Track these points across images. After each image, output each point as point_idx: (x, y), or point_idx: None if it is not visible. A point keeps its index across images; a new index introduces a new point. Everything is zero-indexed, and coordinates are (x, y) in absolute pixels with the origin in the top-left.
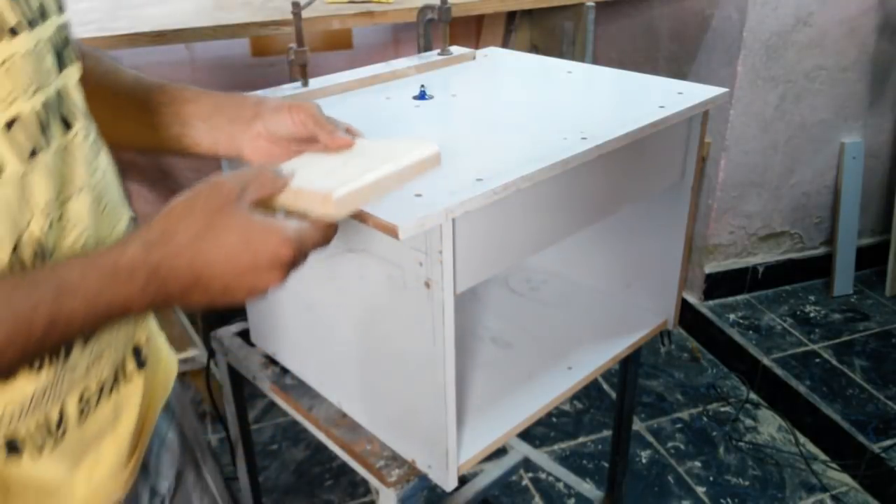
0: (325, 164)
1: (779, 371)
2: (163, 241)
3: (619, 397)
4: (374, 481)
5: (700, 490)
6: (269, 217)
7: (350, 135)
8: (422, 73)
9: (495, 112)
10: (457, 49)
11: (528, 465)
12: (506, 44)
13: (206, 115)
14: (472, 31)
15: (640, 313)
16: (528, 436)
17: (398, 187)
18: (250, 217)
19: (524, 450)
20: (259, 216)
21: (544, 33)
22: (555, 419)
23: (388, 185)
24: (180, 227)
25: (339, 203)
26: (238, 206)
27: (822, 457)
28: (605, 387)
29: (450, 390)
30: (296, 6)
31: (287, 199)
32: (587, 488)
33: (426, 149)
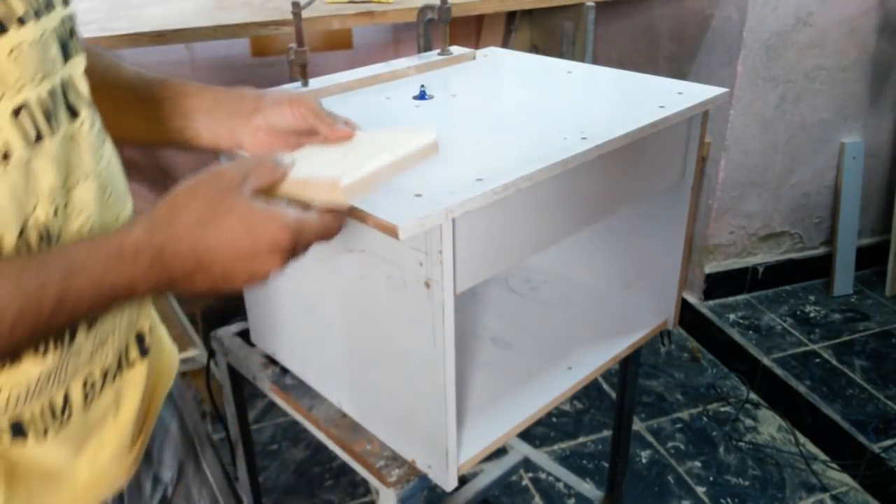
0: (325, 155)
1: (779, 371)
2: (166, 224)
3: (619, 397)
4: (374, 481)
5: (700, 490)
6: (270, 204)
7: (349, 127)
8: (422, 73)
9: (495, 112)
10: (457, 49)
11: (528, 465)
12: (506, 44)
13: (207, 109)
14: (472, 31)
15: (640, 313)
16: (528, 436)
17: (400, 174)
18: (251, 203)
19: (524, 450)
20: (260, 203)
21: (544, 33)
22: (555, 419)
23: (390, 173)
24: (183, 213)
25: (346, 190)
26: (240, 192)
27: (822, 457)
28: (605, 387)
29: (450, 390)
30: (296, 6)
31: (292, 189)
32: (587, 488)
33: (424, 137)
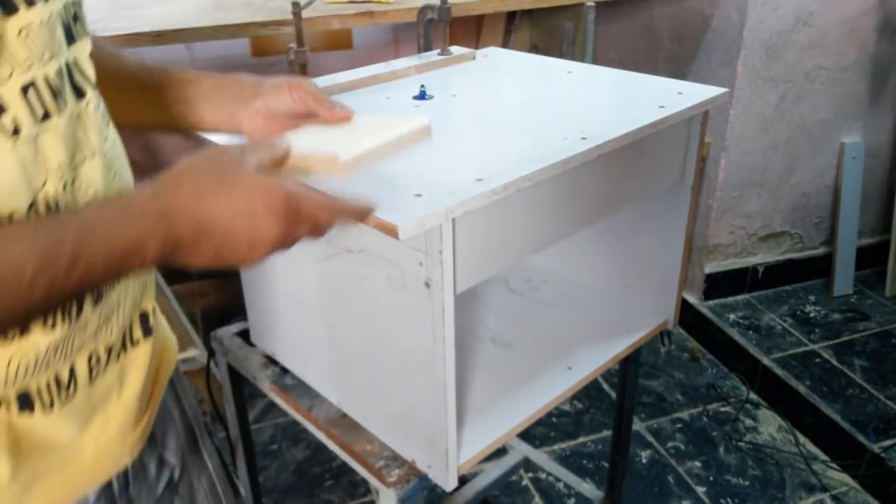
0: (324, 134)
1: (779, 371)
2: (170, 189)
3: (619, 397)
4: (374, 481)
5: (700, 490)
6: (271, 176)
7: (345, 111)
8: (422, 73)
9: (495, 112)
10: (457, 49)
11: (528, 465)
12: (506, 44)
13: (208, 95)
14: (472, 31)
15: (640, 313)
16: (528, 436)
17: (395, 154)
18: (251, 173)
19: (524, 450)
20: (261, 174)
21: (544, 33)
22: (555, 419)
23: (387, 152)
24: (187, 180)
25: (345, 165)
26: (241, 165)
27: (822, 457)
28: (605, 387)
29: (450, 390)
30: (296, 6)
31: (292, 164)
32: (587, 488)
33: (418, 121)
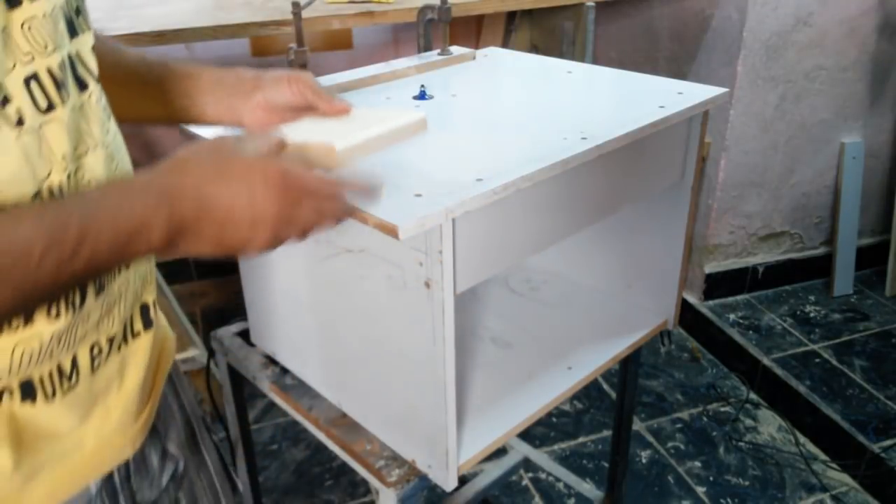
0: (322, 126)
1: (779, 371)
2: (172, 172)
3: (619, 397)
4: (374, 481)
5: (700, 490)
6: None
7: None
8: (422, 73)
9: (495, 112)
10: (457, 49)
11: (528, 465)
12: (506, 44)
13: (209, 88)
14: (472, 31)
15: (640, 313)
16: (528, 436)
17: (391, 147)
18: (250, 156)
19: (524, 450)
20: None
21: (544, 33)
22: (555, 419)
23: (383, 144)
24: (187, 165)
25: (342, 154)
26: (239, 150)
27: (822, 457)
28: (605, 387)
29: (450, 390)
30: (296, 6)
31: (290, 154)
32: (587, 488)
33: (414, 114)
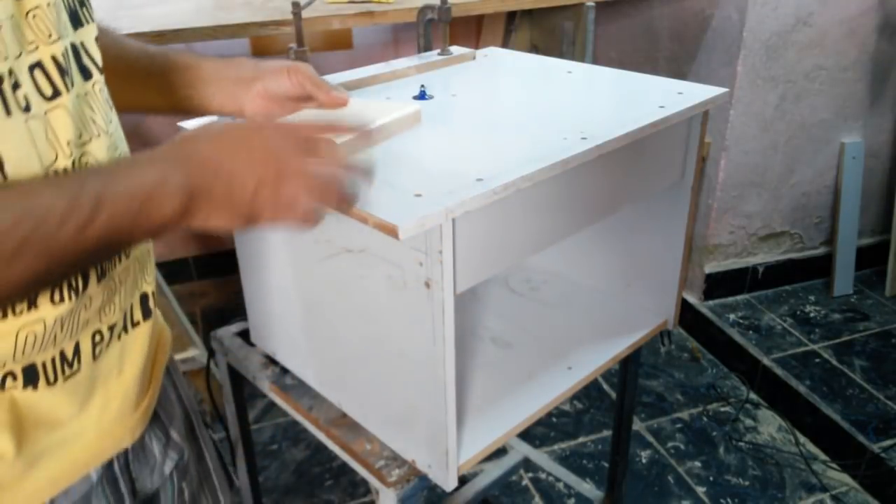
0: (321, 118)
1: (779, 371)
2: (181, 143)
3: (619, 397)
4: (374, 481)
5: (700, 490)
6: None
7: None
8: (422, 73)
9: (495, 112)
10: (457, 49)
11: (528, 465)
12: (506, 44)
13: (210, 78)
14: (472, 31)
15: (640, 313)
16: (528, 436)
17: (388, 139)
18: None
19: (524, 450)
20: None
21: (544, 33)
22: (555, 419)
23: (379, 137)
24: (197, 138)
25: (340, 147)
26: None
27: (822, 457)
28: (605, 387)
29: (450, 390)
30: (296, 6)
31: None
32: (587, 488)
33: (409, 107)
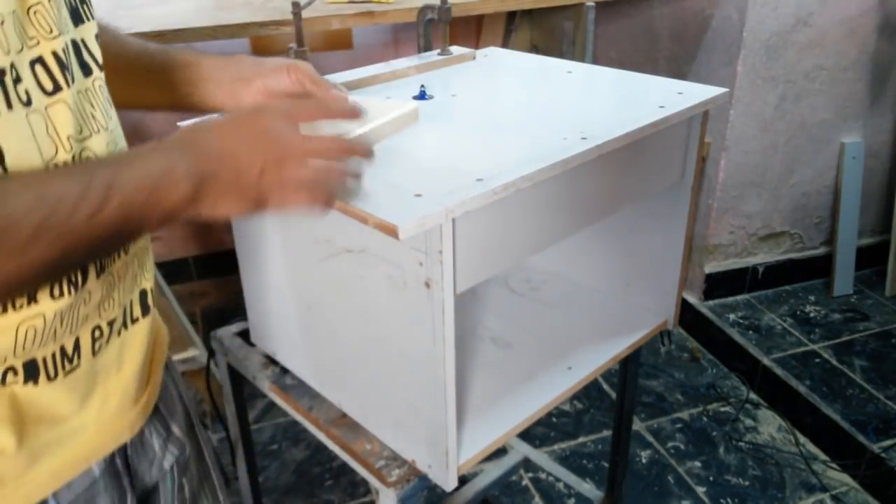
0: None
1: (779, 371)
2: (187, 132)
3: (619, 397)
4: (374, 481)
5: (700, 490)
6: None
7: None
8: (422, 73)
9: (495, 112)
10: (457, 49)
11: (528, 465)
12: (506, 44)
13: (211, 75)
14: (472, 31)
15: (640, 313)
16: (528, 436)
17: (386, 137)
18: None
19: (524, 450)
20: None
21: (544, 33)
22: (555, 419)
23: (378, 135)
24: (200, 128)
25: None
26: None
27: (822, 457)
28: (605, 387)
29: (450, 390)
30: (296, 6)
31: None
32: (587, 488)
33: (407, 106)
